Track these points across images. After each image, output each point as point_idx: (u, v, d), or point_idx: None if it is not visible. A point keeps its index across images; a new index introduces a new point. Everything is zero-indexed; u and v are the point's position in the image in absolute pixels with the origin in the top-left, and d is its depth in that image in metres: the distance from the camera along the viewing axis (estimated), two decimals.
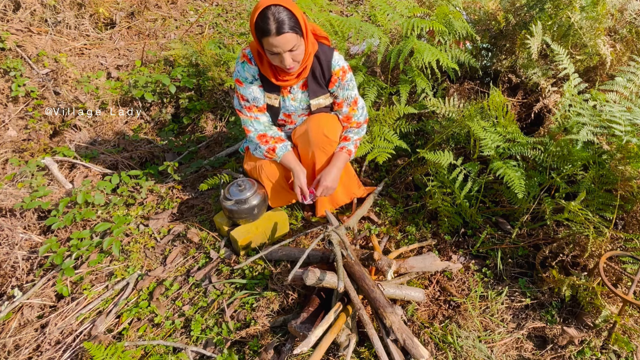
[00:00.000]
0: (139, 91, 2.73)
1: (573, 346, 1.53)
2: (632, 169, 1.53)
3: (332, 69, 1.71)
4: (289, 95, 1.75)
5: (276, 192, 1.96)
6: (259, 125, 1.78)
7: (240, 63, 1.68)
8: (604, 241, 1.59)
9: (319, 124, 1.77)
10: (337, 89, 1.77)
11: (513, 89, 2.32)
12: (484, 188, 1.93)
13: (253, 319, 1.60)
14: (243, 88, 1.70)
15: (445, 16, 2.17)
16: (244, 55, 1.66)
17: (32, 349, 1.62)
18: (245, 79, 1.69)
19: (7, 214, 2.04)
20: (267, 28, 1.40)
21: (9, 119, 2.60)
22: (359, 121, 1.88)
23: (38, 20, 3.15)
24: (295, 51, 1.49)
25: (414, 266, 1.70)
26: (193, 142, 2.72)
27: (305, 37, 1.51)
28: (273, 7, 1.39)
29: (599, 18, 2.06)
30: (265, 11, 1.40)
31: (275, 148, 1.78)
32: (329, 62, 1.69)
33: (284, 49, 1.45)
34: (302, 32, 1.48)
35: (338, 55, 1.71)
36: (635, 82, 1.80)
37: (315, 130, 1.76)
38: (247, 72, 1.68)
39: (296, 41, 1.46)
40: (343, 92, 1.77)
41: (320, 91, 1.76)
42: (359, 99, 1.84)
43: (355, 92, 1.80)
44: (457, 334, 1.57)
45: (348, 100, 1.80)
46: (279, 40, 1.42)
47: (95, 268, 1.86)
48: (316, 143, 1.78)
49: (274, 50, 1.46)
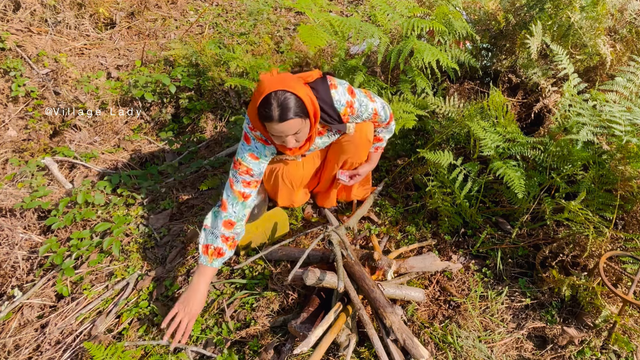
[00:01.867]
0: (139, 91, 2.73)
1: (573, 346, 1.53)
2: (632, 169, 1.53)
3: (339, 111, 1.57)
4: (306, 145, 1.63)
5: (288, 193, 1.98)
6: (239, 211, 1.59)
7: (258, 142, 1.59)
8: (604, 241, 1.59)
9: (362, 131, 1.71)
10: (353, 119, 1.66)
11: (513, 89, 2.32)
12: (484, 188, 1.93)
13: (253, 319, 1.60)
14: (256, 163, 1.59)
15: (445, 16, 2.17)
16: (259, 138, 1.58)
17: (32, 349, 1.62)
18: (264, 156, 1.61)
19: (7, 214, 2.04)
20: (270, 115, 1.33)
21: (9, 119, 2.60)
22: (385, 122, 1.79)
23: (38, 20, 3.15)
24: (298, 134, 1.43)
25: (414, 266, 1.70)
26: (193, 142, 2.72)
27: (312, 116, 1.44)
28: (277, 93, 1.32)
29: (599, 18, 2.06)
30: (268, 97, 1.33)
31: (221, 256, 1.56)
32: (332, 106, 1.54)
33: (287, 134, 1.40)
34: (308, 114, 1.41)
35: (337, 94, 1.54)
36: (635, 82, 1.80)
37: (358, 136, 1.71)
38: (268, 151, 1.60)
39: (300, 125, 1.40)
40: (361, 118, 1.67)
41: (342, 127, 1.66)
42: (378, 108, 1.70)
43: (370, 109, 1.66)
44: (457, 334, 1.57)
45: (369, 116, 1.69)
46: (282, 126, 1.36)
47: (95, 268, 1.86)
48: (358, 146, 1.75)
49: (275, 134, 1.41)
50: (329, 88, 1.52)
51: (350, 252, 1.55)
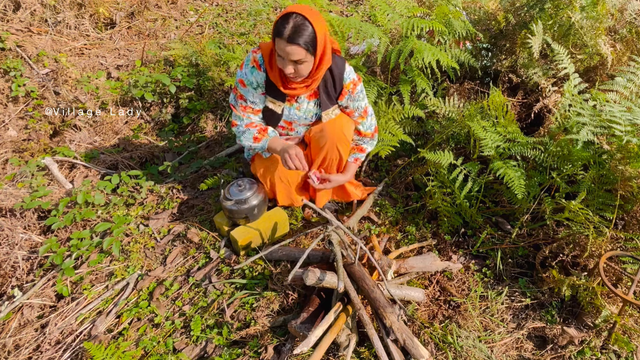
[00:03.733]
0: (139, 91, 2.73)
1: (573, 346, 1.53)
2: (632, 169, 1.53)
3: (344, 82, 1.69)
4: (295, 104, 1.74)
5: (287, 192, 1.99)
6: (248, 121, 1.77)
7: (249, 67, 1.63)
8: (604, 241, 1.59)
9: (336, 123, 1.78)
10: (347, 100, 1.76)
11: (513, 89, 2.32)
12: (484, 188, 1.93)
13: (253, 319, 1.60)
14: (245, 90, 1.68)
15: (445, 16, 2.17)
16: (255, 60, 1.61)
17: (32, 349, 1.62)
18: (250, 83, 1.65)
19: (7, 214, 2.04)
20: (282, 31, 1.38)
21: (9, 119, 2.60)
22: (369, 131, 1.88)
23: (38, 20, 3.15)
24: (299, 65, 1.47)
25: (414, 266, 1.70)
26: (193, 142, 2.72)
27: (318, 57, 1.49)
28: (298, 16, 1.38)
29: (600, 18, 2.06)
30: (289, 15, 1.39)
31: (267, 129, 1.75)
32: (342, 75, 1.67)
33: (289, 58, 1.44)
34: (316, 52, 1.45)
35: (349, 68, 1.70)
36: (635, 82, 1.80)
37: (331, 128, 1.77)
38: (254, 77, 1.64)
39: (303, 56, 1.44)
40: (353, 103, 1.77)
41: (330, 104, 1.75)
42: (369, 108, 1.84)
43: (365, 102, 1.80)
44: (457, 334, 1.57)
45: (359, 110, 1.80)
46: (287, 47, 1.40)
47: (95, 268, 1.86)
48: (333, 138, 1.77)
49: (279, 53, 1.46)
50: (345, 62, 1.68)
51: (350, 252, 1.55)
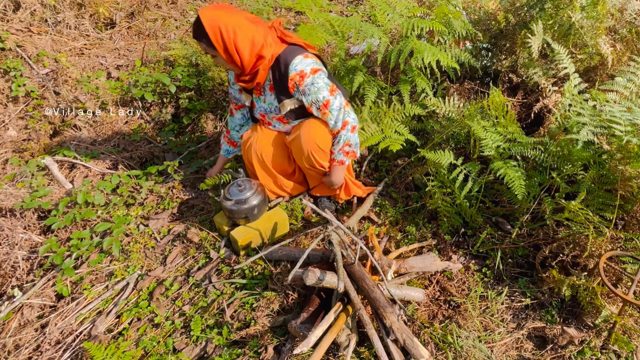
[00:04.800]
0: (139, 91, 2.73)
1: (573, 346, 1.53)
2: (632, 169, 1.53)
3: (289, 74, 1.66)
4: (261, 97, 1.85)
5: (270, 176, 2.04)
6: (231, 123, 2.11)
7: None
8: (604, 241, 1.59)
9: (310, 131, 1.78)
10: (298, 94, 1.73)
11: (513, 88, 2.32)
12: (484, 188, 1.93)
13: (253, 319, 1.60)
14: (230, 87, 1.98)
15: (445, 16, 2.17)
16: None
17: (32, 349, 1.62)
18: (231, 81, 1.94)
19: (7, 214, 2.04)
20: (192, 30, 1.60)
21: (9, 119, 2.60)
22: (336, 128, 1.78)
23: (38, 20, 3.15)
24: (215, 58, 1.67)
25: (414, 266, 1.70)
26: (193, 142, 2.72)
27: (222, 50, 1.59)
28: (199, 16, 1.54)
29: (600, 17, 2.06)
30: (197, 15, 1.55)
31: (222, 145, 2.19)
32: (287, 66, 1.66)
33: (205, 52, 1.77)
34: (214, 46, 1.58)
35: (300, 60, 1.66)
36: (635, 82, 1.80)
37: (306, 137, 1.78)
38: (231, 75, 1.90)
39: (209, 50, 1.61)
40: (306, 97, 1.71)
41: (284, 95, 1.75)
42: (333, 101, 1.71)
43: (323, 94, 1.69)
44: (457, 334, 1.57)
45: (317, 104, 1.72)
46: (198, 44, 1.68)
47: (95, 268, 1.86)
48: (307, 148, 1.81)
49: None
50: (300, 56, 1.68)
51: (350, 252, 1.55)
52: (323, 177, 1.99)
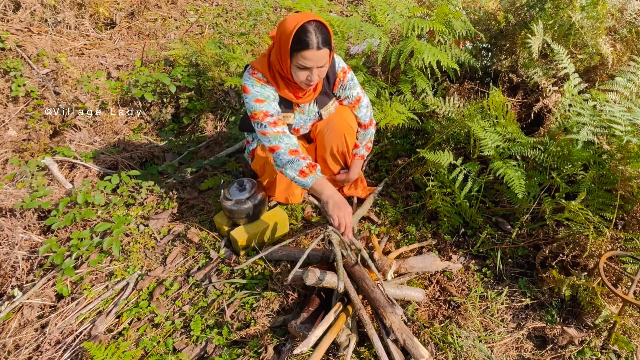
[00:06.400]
0: (139, 91, 2.73)
1: (573, 346, 1.53)
2: (632, 169, 1.53)
3: (336, 71, 1.73)
4: (298, 110, 1.77)
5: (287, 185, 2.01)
6: (289, 140, 1.61)
7: (258, 86, 1.60)
8: (604, 241, 1.59)
9: (343, 115, 1.85)
10: (339, 90, 1.80)
11: (513, 88, 2.32)
12: (484, 188, 1.93)
13: (253, 319, 1.60)
14: (266, 105, 1.59)
15: (445, 16, 2.17)
16: (259, 79, 1.60)
17: (32, 349, 1.62)
18: (267, 97, 1.60)
19: (7, 214, 2.04)
20: (309, 42, 1.39)
21: (9, 119, 2.60)
22: (365, 122, 1.92)
23: (38, 20, 3.15)
24: (322, 68, 1.51)
25: (414, 266, 1.70)
26: (193, 142, 2.72)
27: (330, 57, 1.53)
28: (312, 22, 1.40)
29: (600, 17, 2.06)
30: (307, 25, 1.39)
31: (316, 166, 1.61)
32: (333, 67, 1.71)
33: (317, 65, 1.46)
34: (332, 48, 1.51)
35: (337, 57, 1.74)
36: (635, 82, 1.80)
37: (339, 120, 1.84)
38: (269, 92, 1.61)
39: (328, 57, 1.48)
40: (344, 92, 1.81)
41: (327, 99, 1.80)
42: (364, 98, 1.86)
43: (357, 90, 1.82)
44: (457, 334, 1.57)
45: (349, 99, 1.84)
46: (317, 54, 1.42)
47: (95, 268, 1.86)
48: (341, 129, 1.85)
49: (306, 65, 1.45)
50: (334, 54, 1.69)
51: (350, 252, 1.55)
52: (336, 176, 2.05)
